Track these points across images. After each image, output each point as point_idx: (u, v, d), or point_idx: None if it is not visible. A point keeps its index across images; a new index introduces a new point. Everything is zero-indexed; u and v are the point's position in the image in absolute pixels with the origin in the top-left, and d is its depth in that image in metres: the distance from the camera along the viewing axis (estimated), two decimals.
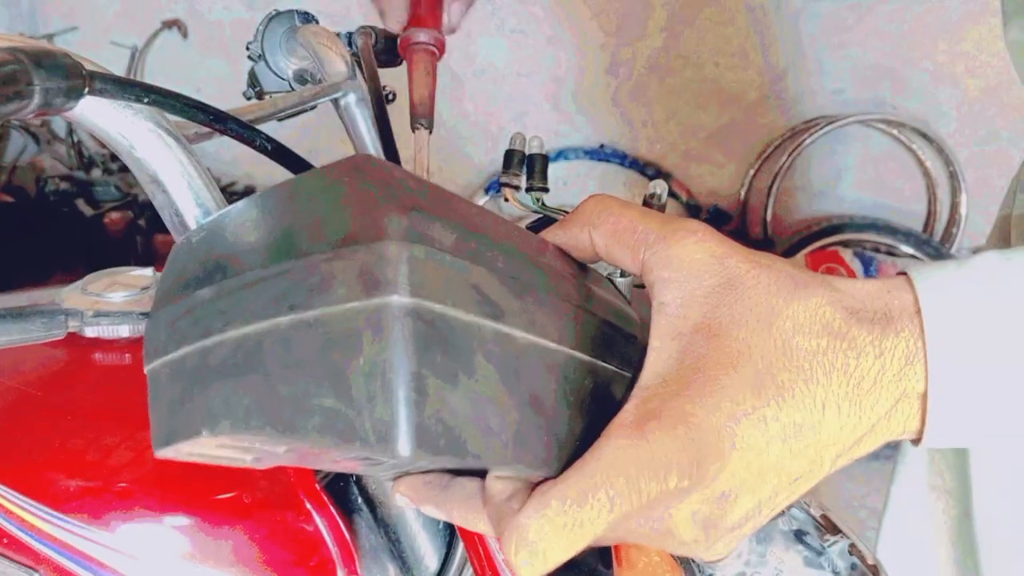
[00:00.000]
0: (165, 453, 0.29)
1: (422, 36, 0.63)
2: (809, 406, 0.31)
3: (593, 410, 0.33)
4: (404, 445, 0.24)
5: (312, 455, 0.30)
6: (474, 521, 0.33)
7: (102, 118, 0.30)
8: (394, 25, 0.65)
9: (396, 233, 0.25)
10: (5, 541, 0.63)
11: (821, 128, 2.44)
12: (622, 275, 0.45)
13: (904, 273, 0.33)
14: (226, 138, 0.39)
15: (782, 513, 0.45)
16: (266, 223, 0.28)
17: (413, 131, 0.59)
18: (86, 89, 0.28)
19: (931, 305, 0.31)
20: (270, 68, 0.66)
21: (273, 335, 0.26)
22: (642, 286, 0.38)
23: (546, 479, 0.30)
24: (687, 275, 0.32)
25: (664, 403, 0.30)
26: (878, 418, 0.32)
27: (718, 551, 0.34)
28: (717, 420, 0.30)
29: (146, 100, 0.29)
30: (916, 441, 0.34)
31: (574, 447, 0.31)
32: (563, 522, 0.28)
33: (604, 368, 0.34)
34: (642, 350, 0.35)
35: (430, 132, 0.59)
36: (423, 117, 0.60)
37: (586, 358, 0.33)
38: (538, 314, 0.30)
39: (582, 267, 0.36)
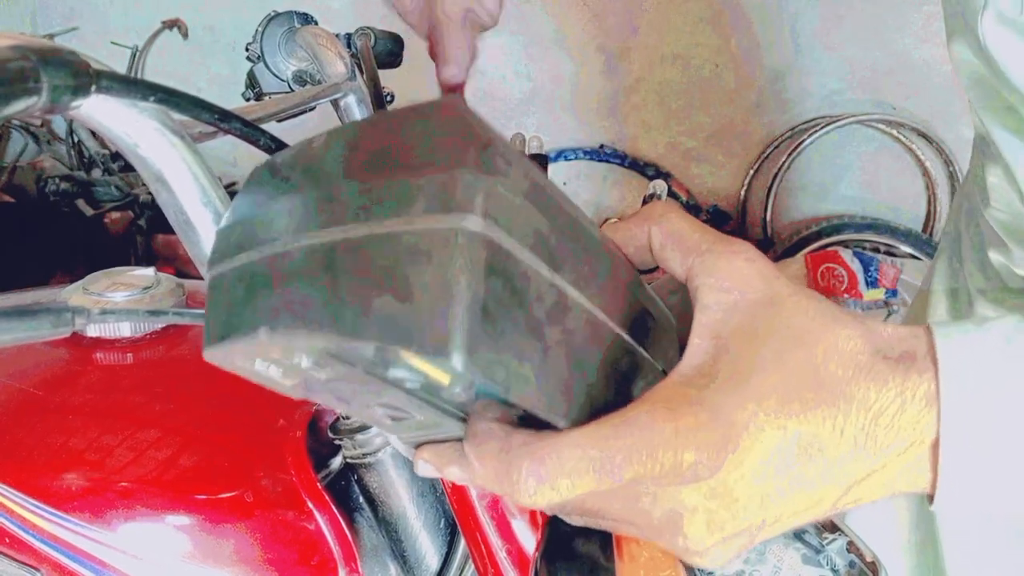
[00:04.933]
0: (215, 352, 0.29)
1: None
2: (828, 428, 0.32)
3: (620, 386, 0.34)
4: (458, 358, 0.25)
5: (349, 391, 0.31)
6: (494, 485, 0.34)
7: (107, 117, 0.30)
8: (455, 73, 0.65)
9: (476, 164, 0.27)
10: (7, 541, 0.63)
11: (821, 128, 2.44)
12: None
13: (928, 326, 0.35)
14: (228, 138, 0.39)
15: None
16: (351, 149, 0.30)
17: None
18: (93, 87, 0.28)
19: (947, 354, 0.33)
20: (269, 69, 0.67)
21: (346, 243, 0.27)
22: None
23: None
24: (732, 285, 0.34)
25: (697, 391, 0.32)
26: (890, 458, 0.33)
27: (713, 558, 0.34)
28: (742, 416, 0.31)
29: (152, 99, 0.29)
30: (930, 498, 0.35)
31: (594, 408, 0.32)
32: (580, 456, 0.30)
33: (640, 353, 0.35)
34: (677, 348, 0.37)
35: None
36: None
37: (626, 337, 0.34)
38: (591, 281, 0.32)
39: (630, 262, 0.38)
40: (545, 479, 0.30)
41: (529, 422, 0.32)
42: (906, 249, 2.37)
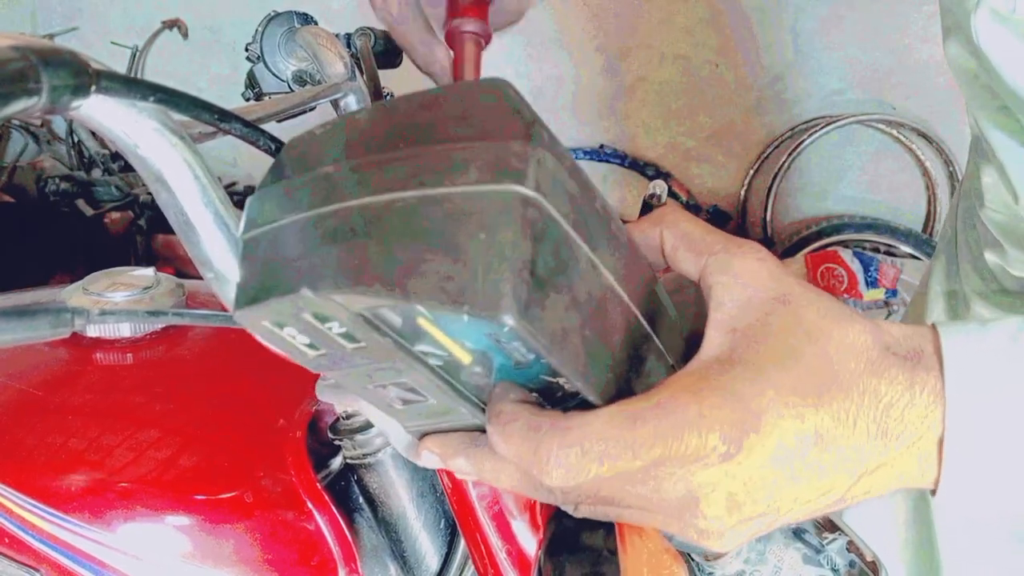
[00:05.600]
0: (246, 314, 0.29)
1: (470, 26, 0.63)
2: (843, 419, 0.33)
3: (638, 371, 0.35)
4: (509, 317, 0.26)
5: (371, 367, 0.31)
6: (503, 475, 0.35)
7: (107, 117, 0.30)
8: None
9: (526, 137, 0.28)
10: (7, 541, 0.63)
11: (821, 128, 2.44)
12: None
13: (933, 326, 0.36)
14: (227, 139, 0.39)
15: None
16: (400, 119, 0.30)
17: None
18: (93, 87, 0.28)
19: (952, 352, 0.34)
20: (269, 69, 0.67)
21: (397, 206, 0.28)
22: None
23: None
24: (746, 283, 0.35)
25: (718, 378, 0.33)
26: (899, 451, 0.34)
27: (729, 541, 0.35)
28: (761, 403, 0.32)
29: (152, 99, 0.29)
30: (934, 492, 0.36)
31: (617, 388, 0.33)
32: (609, 436, 0.30)
33: (656, 342, 0.36)
34: (682, 345, 0.38)
35: None
36: None
37: (646, 324, 0.35)
38: (619, 265, 0.33)
39: None
40: (575, 459, 0.30)
41: (549, 405, 0.33)
42: (906, 249, 2.37)
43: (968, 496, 0.35)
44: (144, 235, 2.46)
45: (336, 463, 0.65)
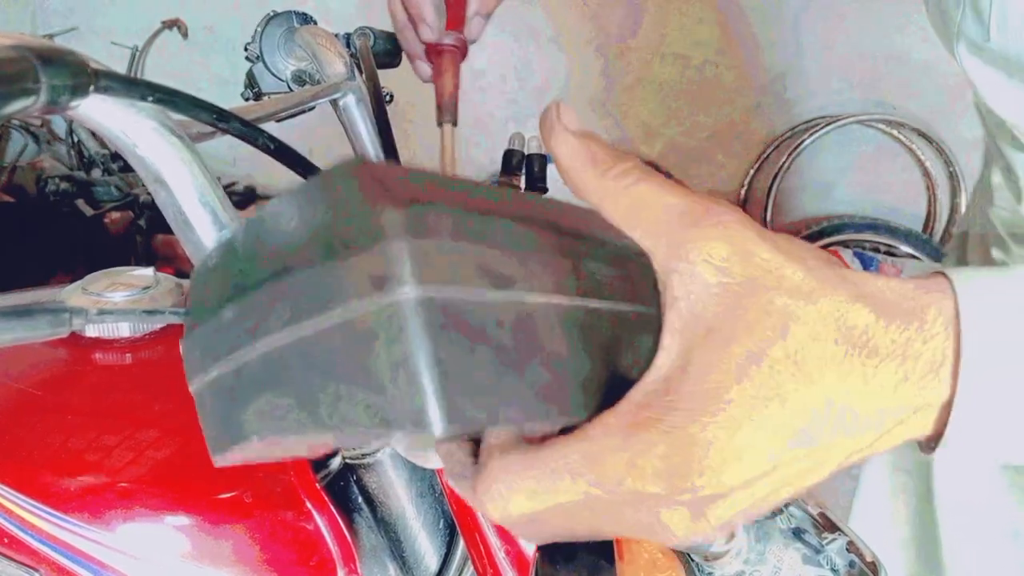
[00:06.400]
0: (223, 461, 0.31)
1: (447, 39, 0.66)
2: (817, 419, 0.30)
3: (617, 350, 0.33)
4: (438, 424, 0.26)
5: (358, 436, 0.32)
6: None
7: (106, 116, 0.30)
8: (428, 35, 0.68)
9: (394, 230, 0.26)
10: (6, 541, 0.63)
11: (821, 128, 2.44)
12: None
13: (941, 273, 0.32)
14: (226, 139, 0.39)
15: (780, 511, 0.45)
16: (269, 241, 0.30)
17: (440, 127, 0.65)
18: (91, 87, 0.28)
19: (970, 310, 0.30)
20: (268, 69, 0.67)
21: (296, 345, 0.28)
22: None
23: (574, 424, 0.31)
24: (704, 269, 0.30)
25: (659, 411, 0.29)
26: (893, 425, 0.31)
27: (706, 539, 0.34)
28: (709, 434, 0.29)
29: (151, 98, 0.29)
30: (928, 448, 0.33)
31: (603, 389, 0.32)
32: (532, 488, 0.30)
33: (624, 310, 0.33)
34: (653, 277, 0.34)
35: (454, 125, 0.64)
36: (449, 113, 0.65)
37: (602, 305, 0.32)
38: (545, 275, 0.31)
39: (582, 207, 0.35)
40: (499, 496, 0.30)
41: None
42: (906, 249, 2.37)
43: (970, 452, 0.32)
44: (144, 235, 2.45)
45: (335, 463, 0.65)
